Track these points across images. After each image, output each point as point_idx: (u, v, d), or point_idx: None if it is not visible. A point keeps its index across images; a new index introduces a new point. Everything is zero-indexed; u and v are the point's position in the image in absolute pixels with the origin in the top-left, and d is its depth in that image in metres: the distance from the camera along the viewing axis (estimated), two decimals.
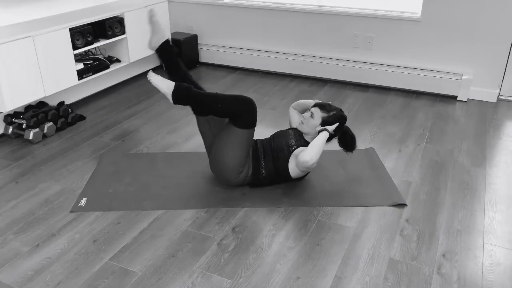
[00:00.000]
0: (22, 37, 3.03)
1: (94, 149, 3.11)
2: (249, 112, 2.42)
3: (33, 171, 2.85)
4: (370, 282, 1.97)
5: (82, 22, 3.49)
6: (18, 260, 2.11)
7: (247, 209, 2.46)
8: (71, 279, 2.00)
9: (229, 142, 2.47)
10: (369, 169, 2.82)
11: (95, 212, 2.44)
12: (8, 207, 2.50)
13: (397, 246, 2.19)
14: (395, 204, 2.49)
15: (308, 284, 1.97)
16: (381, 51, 4.09)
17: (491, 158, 2.97)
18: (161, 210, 2.46)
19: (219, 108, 2.42)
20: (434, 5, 3.76)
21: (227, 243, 2.21)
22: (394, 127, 3.40)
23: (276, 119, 3.54)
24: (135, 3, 4.09)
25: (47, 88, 3.27)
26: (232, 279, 1.99)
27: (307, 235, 2.27)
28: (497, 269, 2.05)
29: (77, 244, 2.21)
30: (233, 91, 4.11)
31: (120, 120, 3.56)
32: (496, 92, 3.83)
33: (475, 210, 2.45)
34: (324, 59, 4.28)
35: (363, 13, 4.01)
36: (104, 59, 3.83)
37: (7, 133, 3.25)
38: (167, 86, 2.48)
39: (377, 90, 4.12)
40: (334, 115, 2.56)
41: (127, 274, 2.02)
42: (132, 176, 2.76)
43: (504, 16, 3.57)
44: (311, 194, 2.57)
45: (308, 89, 4.14)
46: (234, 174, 2.52)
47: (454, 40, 3.81)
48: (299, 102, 2.82)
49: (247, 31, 4.56)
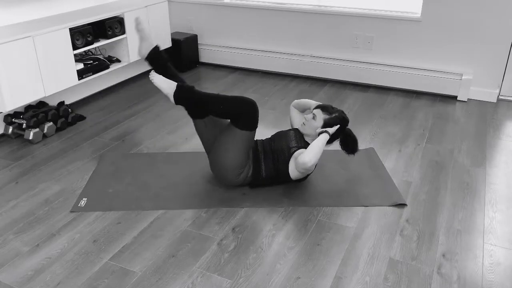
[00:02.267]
0: (22, 37, 3.03)
1: (94, 149, 3.11)
2: (251, 114, 2.42)
3: (33, 171, 2.85)
4: (370, 282, 1.97)
5: (82, 22, 3.49)
6: (18, 260, 2.11)
7: (247, 209, 2.46)
8: (71, 279, 2.00)
9: (229, 143, 2.47)
10: (369, 169, 2.82)
11: (95, 212, 2.44)
12: (8, 207, 2.50)
13: (397, 246, 2.19)
14: (395, 204, 2.49)
15: (308, 284, 1.97)
16: (381, 51, 4.09)
17: (491, 158, 2.97)
18: (161, 210, 2.46)
19: (221, 109, 2.42)
20: (434, 5, 3.76)
21: (227, 243, 2.21)
22: (394, 127, 3.40)
23: (276, 119, 3.54)
24: (135, 3, 4.09)
25: (47, 88, 3.27)
26: (232, 279, 1.99)
27: (307, 235, 2.27)
28: (497, 269, 2.05)
29: (77, 244, 2.21)
30: (233, 91, 4.11)
31: (120, 120, 3.56)
32: (496, 92, 3.83)
33: (475, 210, 2.45)
34: (324, 59, 4.28)
35: (363, 13, 4.01)
36: (104, 59, 3.83)
37: (7, 133, 3.25)
38: (169, 86, 2.48)
39: (377, 90, 4.12)
40: (336, 117, 2.56)
41: (127, 274, 2.02)
42: (132, 176, 2.76)
43: (504, 16, 3.57)
44: (311, 194, 2.58)
45: (308, 89, 4.14)
46: (233, 175, 2.52)
47: (454, 40, 3.81)
48: (299, 101, 2.82)
49: (247, 31, 4.56)
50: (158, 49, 2.67)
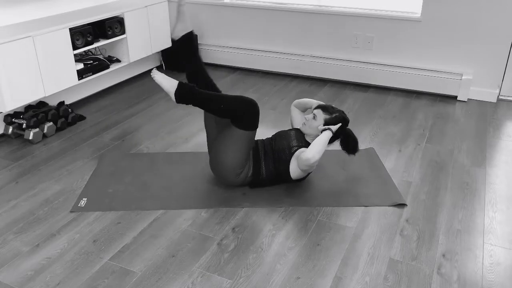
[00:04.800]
0: (22, 37, 3.03)
1: (94, 149, 3.11)
2: (251, 114, 2.42)
3: (33, 171, 2.85)
4: (370, 282, 1.97)
5: (82, 22, 3.49)
6: (18, 260, 2.11)
7: (247, 209, 2.46)
8: (71, 279, 2.00)
9: (229, 143, 2.47)
10: (369, 169, 2.82)
11: (95, 212, 2.44)
12: (8, 207, 2.50)
13: (397, 246, 2.19)
14: (395, 204, 2.49)
15: (308, 284, 1.97)
16: (381, 51, 4.09)
17: (491, 158, 2.97)
18: (161, 210, 2.46)
19: (222, 109, 2.42)
20: (434, 5, 3.76)
21: (227, 243, 2.21)
22: (394, 127, 3.40)
23: (276, 119, 3.54)
24: (135, 3, 4.09)
25: (47, 88, 3.27)
26: (232, 279, 1.99)
27: (307, 235, 2.27)
28: (497, 269, 2.05)
29: (77, 244, 2.21)
30: (233, 91, 4.11)
31: (120, 120, 3.56)
32: (496, 92, 3.83)
33: (475, 210, 2.45)
34: (324, 59, 4.28)
35: (363, 13, 4.01)
36: (104, 59, 3.83)
37: (7, 133, 3.25)
38: (171, 85, 2.48)
39: (377, 90, 4.12)
40: (336, 117, 2.56)
41: (127, 274, 2.02)
42: (132, 176, 2.76)
43: (504, 16, 3.57)
44: (311, 194, 2.58)
45: (308, 89, 4.14)
46: (233, 175, 2.52)
47: (454, 40, 3.81)
48: (300, 101, 2.82)
49: (247, 31, 4.56)
50: (192, 34, 2.67)
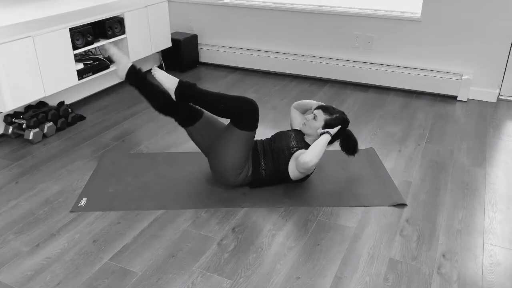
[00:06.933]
0: (22, 37, 3.03)
1: (94, 149, 3.11)
2: (251, 114, 2.42)
3: (33, 171, 2.85)
4: (370, 282, 1.97)
5: (82, 22, 3.49)
6: (18, 260, 2.11)
7: (247, 209, 2.46)
8: (71, 279, 2.00)
9: (229, 143, 2.47)
10: (369, 169, 2.82)
11: (95, 212, 2.44)
12: (8, 207, 2.50)
13: (397, 246, 2.19)
14: (395, 204, 2.49)
15: (308, 284, 1.97)
16: (381, 51, 4.09)
17: (491, 158, 2.97)
18: (161, 210, 2.46)
19: (221, 108, 2.42)
20: (434, 5, 3.76)
21: (227, 243, 2.21)
22: (394, 127, 3.40)
23: (276, 119, 3.54)
24: (135, 3, 4.09)
25: (47, 88, 3.27)
26: (232, 279, 1.99)
27: (307, 235, 2.27)
28: (497, 269, 2.05)
29: (77, 244, 2.21)
30: (233, 91, 4.11)
31: (120, 120, 3.56)
32: (496, 92, 3.83)
33: (475, 210, 2.45)
34: (324, 59, 4.28)
35: (363, 13, 4.01)
36: (104, 59, 3.83)
37: (7, 133, 3.25)
38: (171, 82, 2.48)
39: (377, 90, 4.12)
40: (336, 118, 2.56)
41: (127, 274, 2.02)
42: (132, 176, 2.76)
43: (504, 16, 3.57)
44: (311, 194, 2.57)
45: (308, 89, 4.14)
46: (233, 175, 2.52)
47: (454, 40, 3.81)
48: (300, 103, 2.82)
49: (247, 31, 4.56)
50: (135, 67, 2.60)
